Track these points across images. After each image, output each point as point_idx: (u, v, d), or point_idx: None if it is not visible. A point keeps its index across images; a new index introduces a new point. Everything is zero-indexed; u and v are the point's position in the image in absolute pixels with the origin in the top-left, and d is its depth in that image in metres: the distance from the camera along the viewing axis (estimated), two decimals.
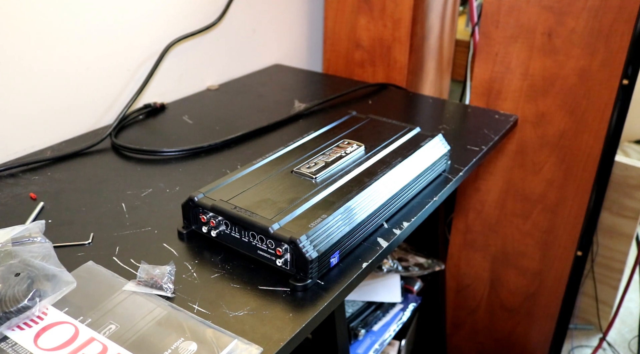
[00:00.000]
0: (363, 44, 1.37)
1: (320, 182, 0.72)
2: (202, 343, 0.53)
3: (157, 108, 1.08)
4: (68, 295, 0.59)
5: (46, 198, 0.79)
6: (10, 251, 0.60)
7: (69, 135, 0.98)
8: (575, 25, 1.10)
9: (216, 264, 0.66)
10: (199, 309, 0.58)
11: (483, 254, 1.42)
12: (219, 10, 1.19)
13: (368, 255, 0.68)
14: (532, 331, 1.43)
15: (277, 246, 0.62)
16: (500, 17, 1.16)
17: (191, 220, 0.69)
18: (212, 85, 1.23)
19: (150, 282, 0.60)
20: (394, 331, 1.17)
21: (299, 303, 0.60)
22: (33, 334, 0.54)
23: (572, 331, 1.80)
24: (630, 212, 1.64)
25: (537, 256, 1.34)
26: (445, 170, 0.86)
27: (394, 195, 0.74)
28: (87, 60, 0.98)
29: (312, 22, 1.45)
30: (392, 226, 0.73)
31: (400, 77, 1.34)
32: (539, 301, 1.38)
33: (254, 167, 0.75)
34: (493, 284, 1.44)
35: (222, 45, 1.23)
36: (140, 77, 1.07)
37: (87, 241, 0.69)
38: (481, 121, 1.09)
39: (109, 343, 0.53)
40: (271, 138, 0.99)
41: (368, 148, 0.81)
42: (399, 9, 1.28)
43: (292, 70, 1.36)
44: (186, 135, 0.99)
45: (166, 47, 1.09)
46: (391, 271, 1.21)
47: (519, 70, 1.18)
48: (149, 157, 0.92)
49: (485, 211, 1.37)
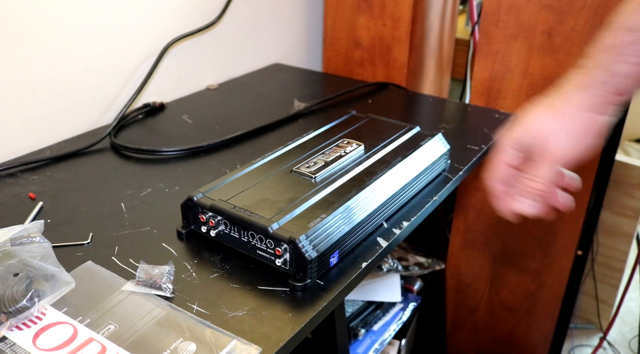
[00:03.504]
0: (363, 43, 1.36)
1: (319, 182, 0.71)
2: (201, 343, 0.53)
3: (156, 107, 1.08)
4: (67, 295, 0.59)
5: (45, 198, 0.78)
6: (9, 251, 0.60)
7: (68, 134, 0.98)
8: (575, 24, 1.09)
9: (215, 264, 0.65)
10: (198, 309, 0.58)
11: (483, 253, 1.41)
12: (218, 10, 1.18)
13: (368, 254, 0.68)
14: (533, 330, 1.43)
15: (277, 246, 0.62)
16: (500, 16, 1.16)
17: (190, 220, 0.69)
18: (212, 84, 1.23)
19: (149, 282, 0.60)
20: (394, 330, 1.17)
21: (299, 303, 0.60)
22: (32, 335, 0.54)
23: (573, 331, 1.80)
24: (630, 211, 1.64)
25: (537, 256, 1.34)
26: (445, 170, 0.86)
27: (394, 195, 0.74)
28: (87, 59, 0.97)
29: (312, 21, 1.45)
30: (391, 226, 0.73)
31: (400, 76, 1.34)
32: (539, 300, 1.38)
33: (254, 167, 0.75)
34: (493, 283, 1.44)
35: (221, 44, 1.23)
36: (140, 76, 1.07)
37: (86, 241, 0.69)
38: (481, 120, 1.08)
39: (107, 343, 0.53)
40: (271, 138, 0.99)
41: (368, 147, 0.80)
42: (398, 8, 1.28)
43: (291, 69, 1.36)
44: (185, 135, 0.99)
45: (165, 46, 1.09)
46: (391, 270, 1.21)
47: (519, 69, 1.18)
48: (148, 157, 0.91)
49: (486, 211, 1.37)
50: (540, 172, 0.60)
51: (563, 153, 0.59)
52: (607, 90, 0.56)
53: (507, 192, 0.64)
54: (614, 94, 0.56)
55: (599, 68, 0.56)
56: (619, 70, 0.54)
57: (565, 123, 0.58)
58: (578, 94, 0.58)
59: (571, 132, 0.58)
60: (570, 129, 0.58)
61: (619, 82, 0.55)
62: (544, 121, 0.60)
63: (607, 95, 0.56)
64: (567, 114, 0.58)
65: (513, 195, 0.63)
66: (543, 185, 0.60)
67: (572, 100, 0.58)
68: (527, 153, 0.62)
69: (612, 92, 0.56)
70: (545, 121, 0.60)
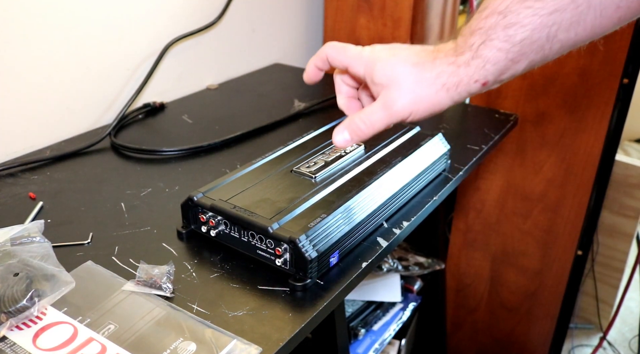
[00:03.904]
0: (363, 43, 1.36)
1: (319, 182, 0.71)
2: (201, 343, 0.53)
3: (156, 107, 1.08)
4: (67, 294, 0.59)
5: (45, 198, 0.78)
6: (9, 251, 0.60)
7: (68, 134, 0.98)
8: None
9: (215, 264, 0.65)
10: (198, 309, 0.58)
11: (483, 253, 1.42)
12: (218, 9, 1.18)
13: (368, 254, 0.67)
14: (533, 330, 1.43)
15: (277, 245, 0.62)
16: None
17: (190, 220, 0.69)
18: (212, 84, 1.23)
19: (149, 282, 0.60)
20: (394, 330, 1.17)
21: (299, 303, 0.60)
22: (32, 335, 0.54)
23: (573, 331, 1.80)
24: (630, 211, 1.64)
25: (537, 256, 1.34)
26: (445, 170, 0.86)
27: (394, 195, 0.74)
28: (87, 59, 0.97)
29: (312, 21, 1.45)
30: (391, 226, 0.73)
31: None
32: (539, 300, 1.38)
33: (254, 167, 0.75)
34: (493, 283, 1.44)
35: (221, 44, 1.23)
36: (140, 76, 1.07)
37: (86, 241, 0.69)
38: (481, 120, 1.08)
39: (107, 343, 0.53)
40: (271, 138, 0.99)
41: (368, 147, 0.80)
42: (398, 8, 1.28)
43: (291, 69, 1.36)
44: (186, 135, 0.99)
45: (166, 46, 1.09)
46: (391, 270, 1.21)
47: None
48: (148, 157, 0.91)
49: (486, 211, 1.37)
50: (375, 117, 0.56)
51: (402, 113, 0.55)
52: (468, 73, 0.53)
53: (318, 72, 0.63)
54: (473, 79, 0.53)
55: (467, 49, 0.52)
56: (487, 54, 0.51)
57: (420, 86, 0.55)
58: (442, 65, 0.54)
59: (418, 98, 0.55)
60: (420, 95, 0.55)
61: (481, 66, 0.52)
62: (403, 70, 0.56)
63: (466, 78, 0.53)
64: (426, 78, 0.54)
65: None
66: (368, 130, 0.57)
67: (435, 68, 0.54)
68: (359, 80, 0.61)
69: (471, 76, 0.53)
70: (404, 71, 0.55)
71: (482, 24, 0.51)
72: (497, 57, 0.51)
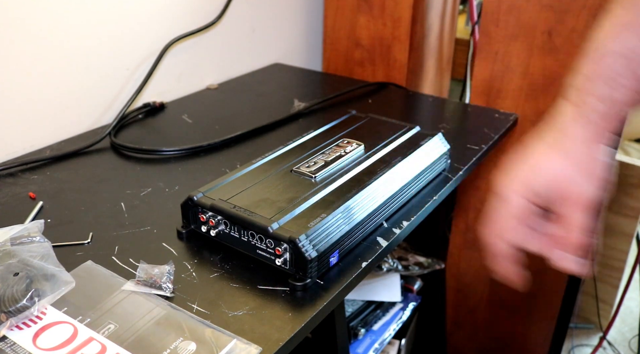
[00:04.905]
0: (363, 42, 1.36)
1: (319, 181, 0.71)
2: (201, 343, 0.53)
3: (156, 107, 1.08)
4: (67, 294, 0.59)
5: (45, 198, 0.78)
6: (9, 251, 0.60)
7: (68, 134, 0.98)
8: (576, 24, 1.09)
9: (215, 263, 0.65)
10: (198, 309, 0.58)
11: (483, 253, 1.41)
12: (218, 9, 1.18)
13: (368, 254, 0.68)
14: (532, 330, 1.43)
15: (277, 245, 0.62)
16: (500, 16, 1.16)
17: (190, 220, 0.69)
18: (212, 84, 1.23)
19: (149, 282, 0.60)
20: (394, 330, 1.17)
21: (299, 303, 0.60)
22: (32, 334, 0.54)
23: (573, 330, 1.80)
24: (630, 211, 1.64)
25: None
26: (445, 169, 0.86)
27: (394, 194, 0.74)
28: (87, 59, 0.97)
29: (312, 20, 1.45)
30: (391, 226, 0.73)
31: (400, 76, 1.34)
32: (539, 300, 1.38)
33: (254, 166, 0.75)
34: (493, 283, 1.44)
35: (221, 44, 1.23)
36: (140, 76, 1.07)
37: (86, 240, 0.69)
38: (481, 120, 1.08)
39: (107, 342, 0.53)
40: (271, 138, 0.99)
41: (368, 147, 0.80)
42: (398, 8, 1.28)
43: (291, 69, 1.36)
44: (185, 134, 0.99)
45: (165, 46, 1.09)
46: (391, 270, 1.21)
47: (519, 69, 1.18)
48: (148, 156, 0.91)
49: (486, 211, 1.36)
50: (574, 221, 0.52)
51: (587, 197, 0.52)
52: (606, 119, 0.52)
53: (511, 252, 0.56)
54: (613, 122, 0.52)
55: (594, 97, 0.51)
56: (618, 97, 0.51)
57: (575, 164, 0.53)
58: (576, 127, 0.53)
59: (584, 172, 0.53)
60: (582, 169, 0.53)
61: (618, 109, 0.51)
62: (552, 164, 0.53)
63: (606, 124, 0.52)
64: (573, 152, 0.53)
65: (516, 255, 0.56)
66: (582, 236, 0.52)
67: (572, 136, 0.53)
68: (544, 203, 0.55)
69: (611, 120, 0.52)
70: (553, 164, 0.53)
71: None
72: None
